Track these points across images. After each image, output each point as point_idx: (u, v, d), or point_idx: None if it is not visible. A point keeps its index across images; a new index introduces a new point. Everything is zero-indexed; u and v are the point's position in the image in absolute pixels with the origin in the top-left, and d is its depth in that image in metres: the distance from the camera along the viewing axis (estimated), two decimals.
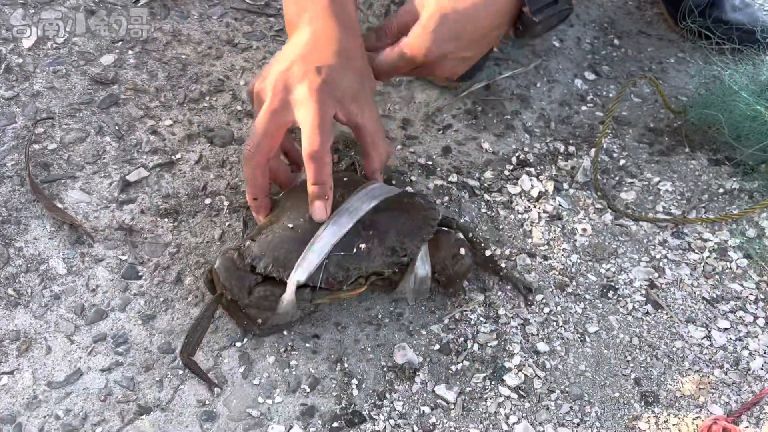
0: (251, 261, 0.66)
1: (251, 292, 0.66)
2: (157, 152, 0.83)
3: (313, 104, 0.65)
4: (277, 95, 0.66)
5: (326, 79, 0.66)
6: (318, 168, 0.65)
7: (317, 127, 0.64)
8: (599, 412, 0.67)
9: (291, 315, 0.66)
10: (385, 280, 0.70)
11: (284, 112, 0.67)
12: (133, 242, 0.75)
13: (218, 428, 0.64)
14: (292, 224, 0.67)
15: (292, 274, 0.65)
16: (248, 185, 0.70)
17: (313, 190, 0.66)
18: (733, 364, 0.70)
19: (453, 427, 0.65)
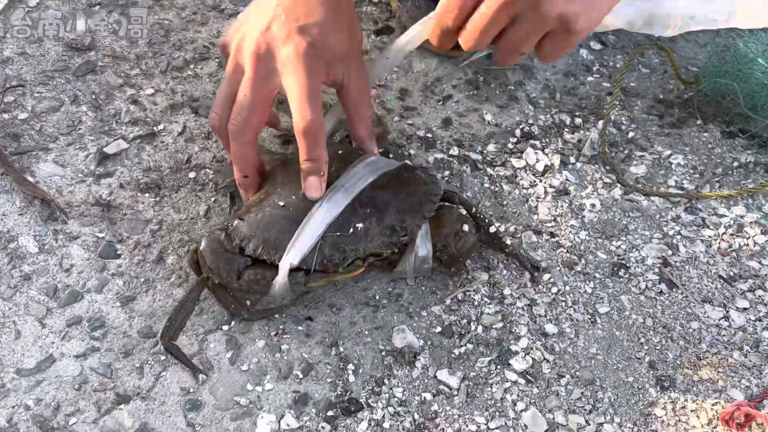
0: (240, 242, 0.61)
1: (240, 276, 0.61)
2: (138, 123, 0.78)
3: (300, 72, 0.59)
4: (260, 62, 0.61)
5: (313, 42, 0.60)
6: (311, 143, 0.60)
7: (307, 98, 0.59)
8: (612, 397, 0.62)
9: (283, 299, 0.61)
10: (383, 261, 0.65)
11: (269, 80, 0.61)
12: (111, 219, 0.70)
13: (204, 418, 0.59)
14: (283, 202, 0.62)
15: (285, 256, 0.60)
16: (237, 162, 0.65)
17: (307, 166, 0.61)
18: (753, 346, 0.66)
19: (456, 414, 0.61)
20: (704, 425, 0.61)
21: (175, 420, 0.59)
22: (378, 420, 0.60)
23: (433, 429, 0.60)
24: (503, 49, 0.56)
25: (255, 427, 0.59)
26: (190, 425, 0.59)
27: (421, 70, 0.89)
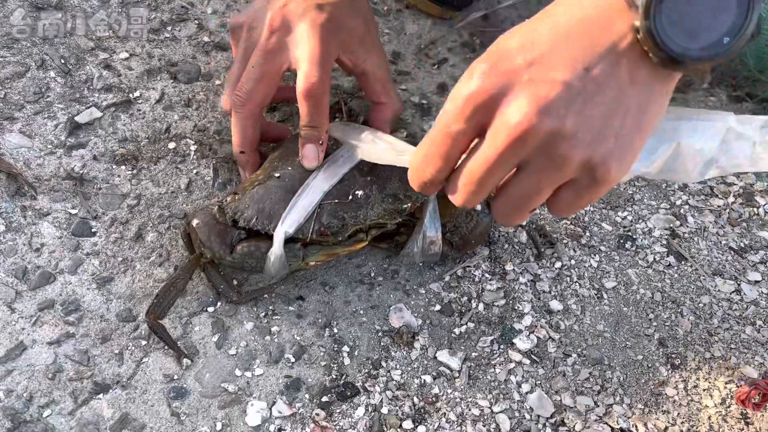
0: (233, 215, 0.57)
1: (234, 249, 0.57)
2: (112, 90, 0.72)
3: (314, 40, 0.57)
4: (274, 34, 0.58)
5: (330, 17, 0.58)
6: (312, 107, 0.57)
7: (317, 62, 0.56)
8: (621, 377, 0.59)
9: (279, 274, 0.57)
10: (389, 241, 0.61)
11: (280, 53, 0.59)
12: (85, 193, 0.65)
13: (189, 406, 0.55)
14: (279, 174, 0.58)
15: (279, 226, 0.55)
16: (236, 136, 0.61)
17: (306, 132, 0.58)
18: (766, 321, 0.63)
19: (458, 397, 0.58)
20: (717, 404, 0.58)
21: (158, 409, 0.55)
22: (375, 405, 0.57)
23: (434, 413, 0.57)
24: (505, 206, 0.42)
25: (244, 415, 0.55)
26: (175, 414, 0.55)
27: (414, 33, 0.83)
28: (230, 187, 0.67)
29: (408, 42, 0.82)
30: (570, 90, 0.37)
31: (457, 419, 0.56)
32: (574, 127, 0.37)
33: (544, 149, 0.38)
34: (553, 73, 0.37)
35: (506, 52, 0.38)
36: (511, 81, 0.37)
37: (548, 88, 0.36)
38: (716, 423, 0.57)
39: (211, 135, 0.70)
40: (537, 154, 0.38)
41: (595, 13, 0.38)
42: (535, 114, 0.36)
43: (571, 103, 0.37)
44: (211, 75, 0.74)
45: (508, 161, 0.39)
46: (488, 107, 0.38)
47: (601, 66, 0.37)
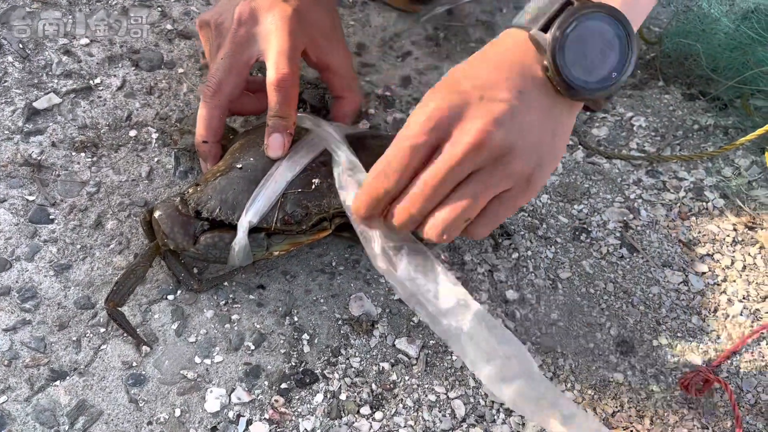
0: (196, 206, 0.57)
1: (197, 241, 0.57)
2: (72, 76, 0.71)
3: (282, 33, 0.58)
4: (243, 26, 0.59)
5: (297, 10, 0.59)
6: (282, 98, 0.58)
7: (286, 54, 0.57)
8: (573, 364, 0.61)
9: (243, 263, 0.58)
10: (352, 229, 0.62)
11: (249, 45, 0.59)
12: (43, 180, 0.64)
13: (148, 393, 0.55)
14: (241, 164, 0.59)
15: (243, 216, 0.56)
16: (201, 126, 0.61)
17: (273, 121, 0.58)
18: (711, 311, 0.66)
19: (415, 384, 0.59)
20: (663, 390, 0.60)
21: (116, 396, 0.55)
22: (334, 391, 0.58)
23: (392, 399, 0.58)
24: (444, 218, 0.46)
25: (204, 402, 0.56)
26: (133, 401, 0.55)
27: (379, 25, 0.84)
28: (192, 176, 0.67)
29: (373, 34, 0.83)
30: (512, 108, 0.44)
31: (414, 405, 0.58)
32: (518, 141, 0.44)
33: (493, 159, 0.44)
34: (499, 94, 0.44)
35: (455, 81, 0.45)
36: (466, 100, 0.44)
37: (497, 105, 0.44)
38: (661, 408, 0.59)
39: (173, 123, 0.70)
40: (486, 164, 0.44)
41: (518, 55, 0.46)
42: (491, 125, 0.43)
43: (515, 119, 0.44)
44: (174, 63, 0.74)
45: (463, 170, 0.44)
46: (446, 123, 0.44)
47: (530, 91, 0.45)
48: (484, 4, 0.90)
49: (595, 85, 0.45)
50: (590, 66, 0.45)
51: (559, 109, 0.47)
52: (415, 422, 0.57)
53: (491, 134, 0.43)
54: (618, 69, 0.46)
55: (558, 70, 0.44)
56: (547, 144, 0.46)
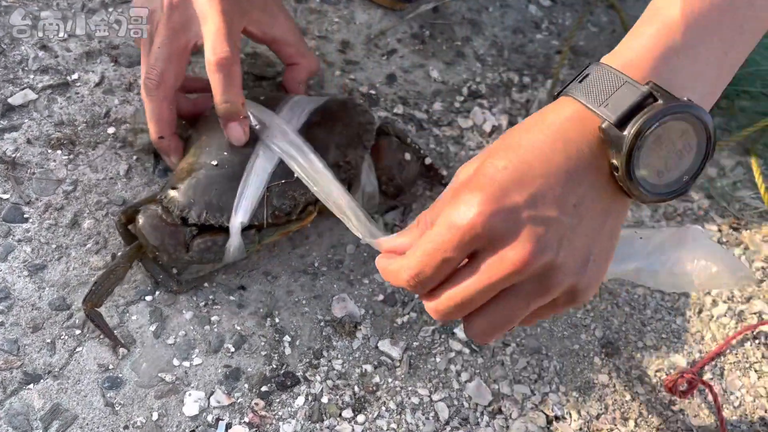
0: (180, 212, 0.56)
1: (189, 248, 0.56)
2: (48, 71, 0.69)
3: (216, 13, 0.56)
4: (175, 10, 0.57)
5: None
6: (226, 80, 0.56)
7: (224, 34, 0.55)
8: (558, 366, 0.61)
9: (236, 260, 0.59)
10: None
11: (186, 28, 0.58)
12: (17, 178, 0.63)
13: (124, 396, 0.54)
14: (215, 161, 0.57)
15: (233, 217, 0.55)
16: (152, 122, 0.60)
17: (223, 108, 0.56)
18: (695, 312, 0.66)
19: (399, 386, 0.58)
20: (648, 392, 0.60)
21: (91, 400, 0.54)
22: (316, 394, 0.57)
23: (374, 402, 0.57)
24: (485, 326, 0.41)
25: (182, 405, 0.54)
26: (109, 405, 0.54)
27: (364, 22, 0.83)
28: (171, 173, 0.65)
29: (357, 31, 0.82)
30: (562, 226, 0.38)
31: (397, 408, 0.57)
32: (564, 259, 0.39)
33: (536, 279, 0.39)
34: (549, 211, 0.38)
35: (502, 186, 0.38)
36: (513, 217, 0.38)
37: (546, 227, 0.38)
38: (646, 409, 0.59)
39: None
40: (528, 283, 0.39)
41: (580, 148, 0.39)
42: (535, 251, 0.38)
43: (563, 238, 0.39)
44: None
45: (498, 288, 0.39)
46: (487, 238, 0.38)
47: (586, 201, 0.39)
48: (470, 2, 0.89)
49: (664, 189, 0.40)
50: (663, 168, 0.40)
51: (615, 210, 0.42)
52: (398, 425, 0.56)
53: (537, 259, 0.38)
54: (691, 173, 0.40)
55: (630, 175, 0.38)
56: (600, 253, 0.41)
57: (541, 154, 0.39)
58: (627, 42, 0.41)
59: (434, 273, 0.40)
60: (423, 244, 0.40)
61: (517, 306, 0.40)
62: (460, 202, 0.39)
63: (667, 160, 0.39)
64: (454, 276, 0.40)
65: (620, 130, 0.38)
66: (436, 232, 0.40)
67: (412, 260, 0.41)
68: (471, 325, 0.42)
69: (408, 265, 0.41)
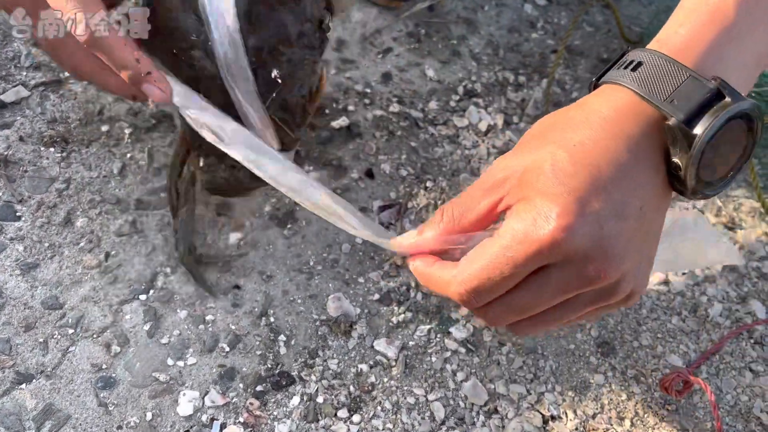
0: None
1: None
2: (41, 68, 0.69)
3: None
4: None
5: None
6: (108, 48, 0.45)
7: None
8: (554, 366, 0.61)
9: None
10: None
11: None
12: (10, 176, 0.62)
13: (118, 396, 0.54)
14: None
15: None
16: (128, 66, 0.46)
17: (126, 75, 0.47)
18: (691, 311, 0.66)
19: (394, 386, 0.58)
20: (644, 392, 0.60)
21: (84, 399, 0.53)
22: (311, 394, 0.56)
23: (370, 402, 0.57)
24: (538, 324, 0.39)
25: (176, 405, 0.54)
26: (102, 405, 0.53)
27: (359, 21, 0.83)
28: (166, 171, 0.65)
29: (353, 30, 0.82)
30: (634, 233, 0.36)
31: (393, 407, 0.56)
32: (631, 266, 0.36)
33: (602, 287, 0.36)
34: (625, 219, 0.35)
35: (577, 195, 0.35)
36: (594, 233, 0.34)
37: (623, 238, 0.35)
38: (641, 409, 0.59)
39: (146, 118, 0.68)
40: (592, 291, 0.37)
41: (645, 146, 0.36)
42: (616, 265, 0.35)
43: (633, 242, 0.36)
44: None
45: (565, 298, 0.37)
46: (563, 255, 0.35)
47: (648, 203, 0.37)
48: (466, 1, 0.89)
49: (714, 187, 0.38)
50: (716, 165, 0.37)
51: (664, 207, 0.39)
52: (394, 425, 0.56)
53: (615, 273, 0.35)
54: (736, 168, 0.38)
55: (697, 175, 0.36)
56: (649, 252, 0.39)
57: (607, 154, 0.36)
58: (673, 27, 0.38)
59: (495, 287, 0.36)
60: (484, 255, 0.36)
61: (573, 310, 0.38)
62: (533, 212, 0.35)
63: (720, 157, 0.37)
64: (514, 288, 0.37)
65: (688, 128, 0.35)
66: (503, 244, 0.35)
67: (470, 272, 0.37)
68: (519, 325, 0.39)
69: (464, 278, 0.37)
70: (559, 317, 0.38)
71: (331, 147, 0.71)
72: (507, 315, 0.38)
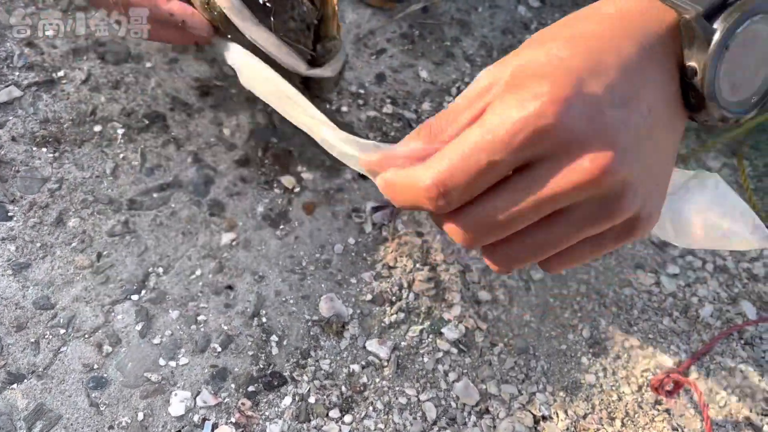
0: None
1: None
2: (34, 68, 0.69)
3: None
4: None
5: None
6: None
7: None
8: (545, 366, 0.61)
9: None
10: None
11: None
12: (2, 176, 0.62)
13: (109, 396, 0.54)
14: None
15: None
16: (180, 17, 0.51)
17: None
18: (682, 312, 0.66)
19: (386, 386, 0.58)
20: (634, 392, 0.60)
21: (76, 400, 0.53)
22: (303, 394, 0.56)
23: (362, 402, 0.57)
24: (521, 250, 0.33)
25: (168, 405, 0.54)
26: (94, 405, 0.53)
27: (353, 21, 0.83)
28: (158, 172, 0.65)
29: (347, 31, 0.82)
30: (640, 133, 0.31)
31: (384, 408, 0.57)
32: (638, 176, 0.31)
33: (601, 199, 0.31)
34: (629, 111, 0.30)
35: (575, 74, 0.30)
36: (592, 116, 0.29)
37: (627, 130, 0.30)
38: (632, 409, 0.59)
39: (139, 119, 0.68)
40: (589, 203, 0.31)
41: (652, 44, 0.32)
42: (617, 161, 0.29)
43: (639, 150, 0.31)
44: (141, 57, 0.72)
45: (555, 206, 0.31)
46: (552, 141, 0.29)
47: (657, 107, 0.31)
48: (460, 3, 0.89)
49: (733, 108, 0.33)
50: (737, 83, 0.32)
51: (678, 129, 0.34)
52: (386, 425, 0.56)
53: (616, 171, 0.29)
54: (760, 93, 0.33)
55: (713, 80, 0.31)
56: (662, 177, 0.34)
57: (611, 44, 0.31)
58: None
59: (470, 181, 0.30)
60: (460, 143, 0.30)
61: (565, 233, 0.32)
62: (520, 95, 0.29)
63: (744, 72, 0.32)
64: (494, 189, 0.31)
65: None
66: (481, 129, 0.30)
67: (442, 162, 0.31)
68: (499, 251, 0.33)
69: (434, 170, 0.31)
70: (547, 239, 0.32)
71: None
72: (486, 223, 0.32)
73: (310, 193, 0.67)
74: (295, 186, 0.67)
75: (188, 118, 0.69)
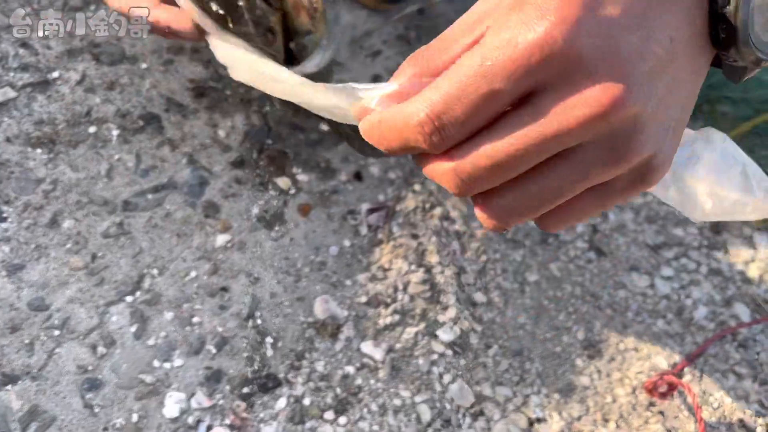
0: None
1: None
2: (28, 69, 0.69)
3: None
4: None
5: None
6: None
7: None
8: (540, 368, 0.61)
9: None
10: None
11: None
12: None
13: (104, 398, 0.54)
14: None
15: None
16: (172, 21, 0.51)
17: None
18: (676, 314, 0.66)
19: (381, 388, 0.58)
20: (628, 394, 0.60)
21: (70, 401, 0.53)
22: (298, 396, 0.56)
23: (356, 404, 0.57)
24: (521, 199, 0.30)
25: (162, 407, 0.54)
26: (88, 406, 0.53)
27: (349, 23, 0.83)
28: (153, 173, 0.65)
29: (342, 32, 0.82)
30: (657, 67, 0.27)
31: (379, 410, 0.57)
32: (653, 115, 0.28)
33: (611, 138, 0.27)
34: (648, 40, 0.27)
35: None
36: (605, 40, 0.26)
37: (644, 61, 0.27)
38: (626, 411, 0.59)
39: (134, 120, 0.68)
40: (597, 144, 0.28)
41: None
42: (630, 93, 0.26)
43: (657, 83, 0.27)
44: (137, 58, 0.72)
45: (561, 145, 0.28)
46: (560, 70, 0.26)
47: (680, 40, 0.28)
48: (457, 4, 0.89)
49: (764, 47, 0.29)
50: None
51: (700, 71, 0.30)
52: (380, 427, 0.56)
53: (629, 104, 0.26)
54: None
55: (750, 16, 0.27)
56: (678, 122, 0.30)
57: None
58: None
59: (469, 114, 0.27)
60: (456, 69, 0.28)
61: (569, 179, 0.29)
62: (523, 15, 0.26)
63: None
64: (493, 125, 0.28)
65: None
66: (480, 54, 0.27)
67: (436, 93, 0.28)
68: (494, 202, 0.30)
69: (428, 101, 0.28)
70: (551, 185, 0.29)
71: (320, 149, 0.71)
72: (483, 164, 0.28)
73: (306, 195, 0.68)
74: (290, 187, 0.68)
75: (183, 119, 0.69)
